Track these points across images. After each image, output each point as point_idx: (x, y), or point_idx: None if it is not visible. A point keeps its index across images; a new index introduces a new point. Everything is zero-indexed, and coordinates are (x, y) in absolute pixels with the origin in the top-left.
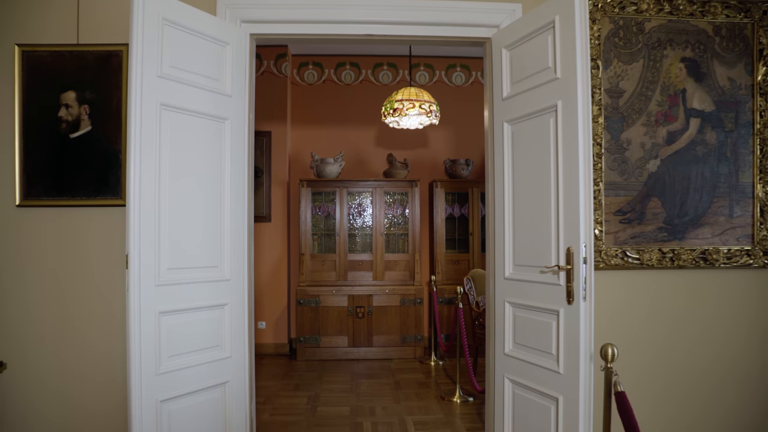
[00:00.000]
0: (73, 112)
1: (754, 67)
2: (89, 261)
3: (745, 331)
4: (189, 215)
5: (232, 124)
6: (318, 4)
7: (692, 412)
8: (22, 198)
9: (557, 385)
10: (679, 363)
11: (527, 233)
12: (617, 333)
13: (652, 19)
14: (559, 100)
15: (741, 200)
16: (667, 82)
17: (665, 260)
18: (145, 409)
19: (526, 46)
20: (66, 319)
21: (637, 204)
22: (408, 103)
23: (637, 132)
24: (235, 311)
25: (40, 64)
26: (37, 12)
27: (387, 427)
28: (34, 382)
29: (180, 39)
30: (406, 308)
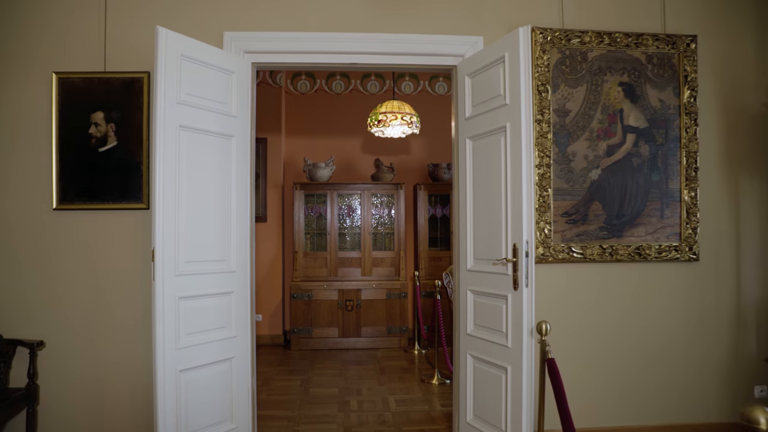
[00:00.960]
0: (101, 129)
1: (680, 90)
2: (114, 254)
3: (674, 314)
4: (202, 217)
5: (237, 140)
6: (309, 38)
7: (627, 375)
8: (58, 202)
9: (506, 357)
10: (614, 334)
11: (484, 231)
12: (563, 315)
13: (594, 49)
14: (508, 123)
15: (670, 204)
16: (607, 103)
17: (605, 255)
18: (168, 377)
19: (484, 75)
20: (95, 303)
21: (582, 207)
22: (391, 115)
23: (581, 146)
24: (240, 298)
25: (73, 89)
26: (71, 44)
27: (371, 404)
28: (69, 355)
29: (194, 70)
30: (391, 301)
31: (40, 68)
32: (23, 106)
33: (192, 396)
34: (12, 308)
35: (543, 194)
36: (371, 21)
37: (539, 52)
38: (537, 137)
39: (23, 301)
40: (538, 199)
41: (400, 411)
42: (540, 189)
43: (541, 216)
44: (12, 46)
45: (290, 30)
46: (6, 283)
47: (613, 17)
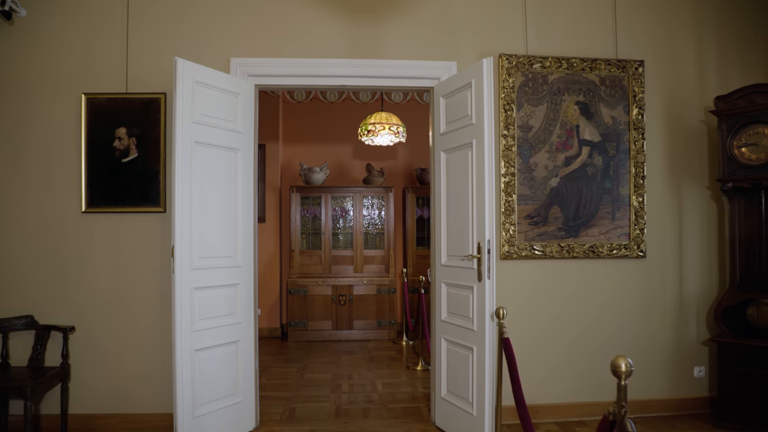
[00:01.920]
0: (124, 143)
1: (629, 108)
2: (135, 251)
3: (624, 304)
4: (213, 219)
5: (242, 153)
6: (304, 63)
7: (582, 357)
8: (87, 206)
9: (472, 339)
10: (569, 321)
11: (455, 232)
12: (526, 304)
13: (554, 73)
14: (474, 140)
15: (621, 207)
16: (565, 120)
17: (563, 252)
18: (185, 355)
19: (455, 97)
20: (118, 292)
21: (542, 210)
22: (379, 126)
23: (542, 157)
24: (245, 289)
25: (99, 107)
26: (97, 68)
27: (360, 386)
28: (95, 338)
29: (206, 94)
30: (381, 296)
31: (71, 90)
32: (57, 123)
33: (204, 372)
34: (46, 297)
35: (508, 199)
36: (359, 48)
37: (505, 75)
38: (503, 150)
39: (56, 291)
40: (504, 203)
41: (386, 392)
42: (506, 195)
43: (506, 218)
44: (47, 71)
45: (287, 56)
46: (41, 276)
47: (571, 44)
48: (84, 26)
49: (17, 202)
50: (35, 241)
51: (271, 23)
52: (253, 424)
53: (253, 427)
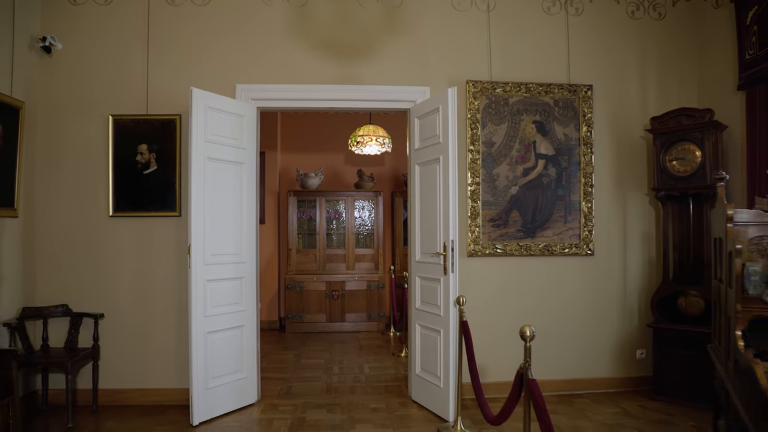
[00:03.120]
0: (145, 157)
1: (580, 126)
2: (154, 249)
3: (575, 295)
4: (222, 222)
5: (246, 166)
6: (298, 89)
7: (538, 340)
8: (113, 211)
9: (439, 323)
10: (528, 310)
11: (427, 233)
12: (489, 295)
13: (514, 96)
14: (440, 156)
15: (572, 212)
16: (523, 137)
17: (521, 250)
18: (199, 336)
19: (427, 119)
20: (140, 284)
21: (504, 214)
22: (367, 137)
23: (503, 169)
24: (249, 282)
25: (123, 127)
26: (122, 93)
27: (349, 369)
28: (121, 323)
29: (216, 116)
30: (371, 291)
31: (100, 112)
32: (88, 140)
33: (214, 351)
34: (79, 289)
35: (474, 205)
36: (346, 75)
37: (471, 98)
38: (470, 162)
39: (87, 284)
40: (471, 209)
41: (371, 374)
42: (472, 201)
43: (472, 221)
44: (79, 95)
45: (285, 83)
46: (75, 271)
47: (529, 71)
48: (110, 57)
49: (53, 208)
50: (69, 241)
51: (272, 56)
52: (255, 398)
53: (255, 400)
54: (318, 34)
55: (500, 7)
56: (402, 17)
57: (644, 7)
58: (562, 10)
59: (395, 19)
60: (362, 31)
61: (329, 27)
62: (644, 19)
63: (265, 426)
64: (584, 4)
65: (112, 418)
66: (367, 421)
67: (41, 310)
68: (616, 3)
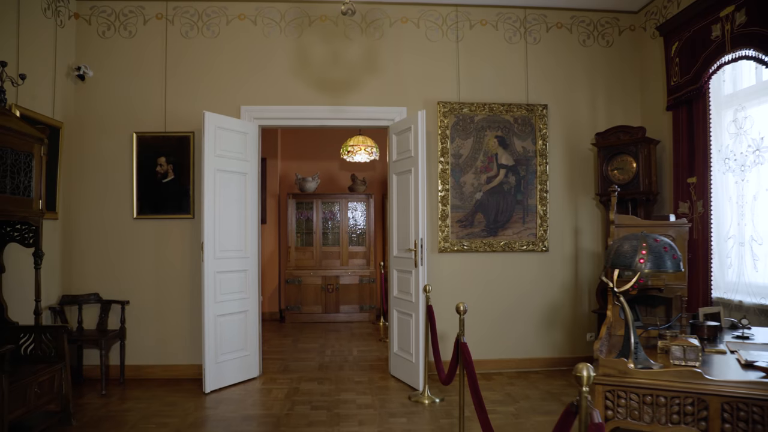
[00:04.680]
0: (163, 168)
1: (536, 140)
2: (171, 246)
3: (532, 286)
4: (229, 223)
5: (249, 176)
6: (294, 110)
7: (500, 324)
8: (137, 214)
9: (412, 308)
10: (491, 298)
11: (402, 232)
12: (456, 285)
13: (479, 114)
14: (413, 167)
15: (529, 214)
16: (487, 149)
17: (485, 247)
18: (210, 319)
19: (402, 136)
20: (159, 276)
21: (470, 216)
22: (357, 147)
23: (469, 177)
24: (252, 274)
25: (145, 142)
26: (144, 113)
27: (340, 352)
28: (143, 309)
29: (224, 134)
30: (363, 285)
31: (125, 129)
32: (116, 154)
33: (223, 331)
34: (108, 280)
35: (444, 208)
36: (336, 97)
37: (442, 117)
38: (440, 172)
39: (115, 275)
40: (441, 211)
41: (359, 356)
42: (442, 205)
43: (443, 222)
44: (108, 115)
45: (282, 104)
46: (105, 264)
47: (493, 93)
48: (134, 82)
49: (87, 211)
50: (100, 239)
51: (271, 81)
52: (257, 372)
53: (257, 374)
54: (313, 68)
55: (467, 38)
56: (383, 46)
57: (594, 36)
58: (521, 40)
59: (378, 47)
60: (348, 63)
61: (322, 61)
62: (594, 46)
63: (265, 394)
64: (541, 34)
65: (137, 388)
66: (351, 391)
67: (77, 297)
68: (569, 32)
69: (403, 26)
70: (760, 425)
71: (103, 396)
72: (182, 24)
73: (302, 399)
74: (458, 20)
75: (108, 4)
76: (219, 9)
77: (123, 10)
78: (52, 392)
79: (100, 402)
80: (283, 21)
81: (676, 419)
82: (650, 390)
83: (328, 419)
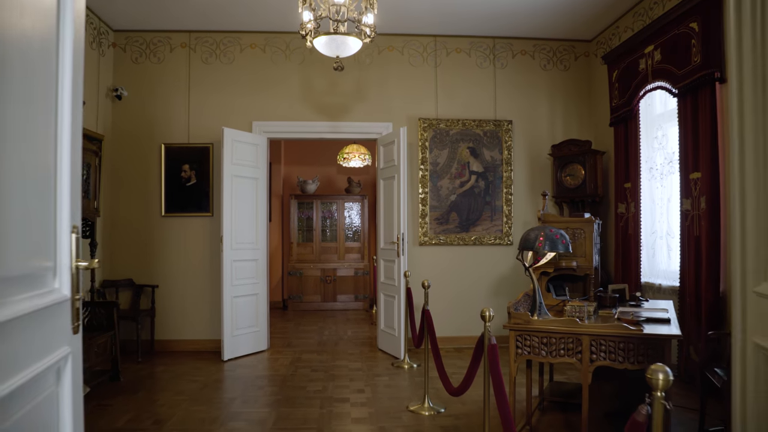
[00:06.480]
0: (187, 173)
1: (503, 150)
2: (193, 239)
3: (498, 273)
4: (242, 220)
5: (260, 180)
6: (297, 125)
7: (469, 306)
8: (165, 212)
9: (395, 291)
10: (463, 283)
11: (387, 228)
12: (434, 272)
13: (454, 129)
14: (396, 174)
15: (497, 213)
16: (460, 158)
17: (459, 241)
18: (227, 299)
19: (388, 147)
20: (183, 264)
21: (445, 215)
22: (351, 154)
23: (445, 182)
24: (261, 263)
25: (172, 152)
26: (170, 127)
27: (335, 333)
28: (170, 292)
29: (239, 146)
30: (358, 277)
31: (155, 140)
32: (147, 161)
33: (238, 310)
34: (140, 268)
35: (423, 208)
36: (332, 114)
37: (422, 131)
38: (420, 178)
39: (146, 264)
40: (421, 211)
41: (352, 336)
42: (422, 205)
43: (422, 220)
44: (140, 129)
45: (288, 120)
46: (138, 254)
47: (466, 110)
48: (162, 101)
49: (123, 210)
50: (133, 233)
51: (279, 101)
52: (265, 346)
53: (265, 347)
54: (313, 89)
55: (444, 63)
56: (373, 70)
57: (553, 61)
58: (491, 65)
59: (368, 71)
60: (343, 84)
61: (321, 82)
62: (553, 70)
63: (273, 361)
64: (508, 60)
65: (165, 358)
66: (345, 359)
67: (115, 282)
68: (532, 58)
69: (390, 54)
70: (613, 353)
71: (139, 363)
72: (202, 52)
73: (304, 365)
74: (437, 48)
75: (140, 35)
76: (233, 39)
77: (153, 39)
78: (106, 353)
79: (138, 367)
80: (288, 49)
81: (562, 353)
82: (545, 333)
83: (325, 378)
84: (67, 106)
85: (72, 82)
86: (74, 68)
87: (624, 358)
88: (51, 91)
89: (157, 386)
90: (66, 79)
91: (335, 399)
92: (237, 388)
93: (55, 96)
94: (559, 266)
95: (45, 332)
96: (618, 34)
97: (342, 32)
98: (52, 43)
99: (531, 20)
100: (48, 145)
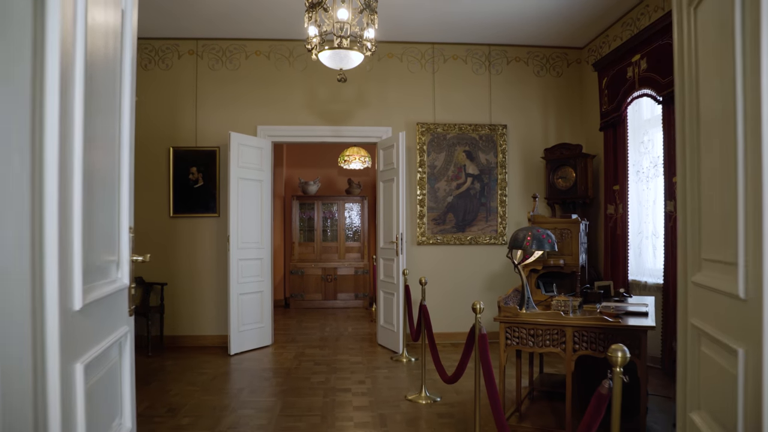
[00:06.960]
0: (194, 176)
1: (498, 154)
2: (200, 239)
3: (492, 270)
4: (248, 220)
5: (264, 182)
6: (301, 129)
7: (464, 302)
8: (173, 213)
9: (394, 288)
10: (459, 280)
11: (387, 228)
12: (431, 270)
13: (451, 133)
14: (395, 177)
15: (492, 214)
16: (457, 161)
17: (455, 241)
18: (234, 296)
19: (387, 151)
20: (191, 263)
21: (443, 216)
22: (352, 156)
23: (442, 184)
24: (266, 261)
25: (180, 155)
26: (179, 131)
27: (336, 329)
28: (178, 290)
29: (244, 150)
30: (358, 276)
31: (164, 145)
32: (157, 164)
33: (244, 307)
34: (150, 266)
35: (421, 209)
36: (335, 120)
37: (420, 135)
38: (419, 180)
39: (155, 262)
40: (419, 212)
41: (353, 332)
42: (420, 206)
43: (420, 220)
44: (150, 133)
45: (291, 125)
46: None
47: (462, 115)
48: (171, 106)
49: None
50: (144, 233)
51: (283, 106)
52: (270, 341)
53: (270, 343)
54: (315, 95)
55: (441, 70)
56: (373, 77)
57: (546, 68)
58: (486, 71)
59: (369, 77)
60: (344, 91)
61: (323, 89)
62: (546, 76)
63: (278, 355)
64: (503, 67)
65: (174, 352)
66: (346, 353)
67: None
68: (526, 65)
69: (389, 61)
70: (594, 343)
71: (149, 357)
72: (209, 58)
73: (307, 359)
74: (434, 55)
75: (149, 42)
76: (239, 46)
77: (161, 47)
78: None
79: (149, 360)
80: (291, 56)
81: (548, 343)
82: (532, 325)
83: (327, 371)
84: (126, 118)
85: (130, 96)
86: (132, 82)
87: (604, 348)
88: (116, 104)
89: (169, 378)
90: (126, 92)
91: (337, 389)
92: (244, 380)
93: (118, 108)
94: (547, 264)
95: (113, 313)
96: (608, 42)
97: (345, 47)
98: (117, 60)
99: (525, 28)
100: (114, 154)
